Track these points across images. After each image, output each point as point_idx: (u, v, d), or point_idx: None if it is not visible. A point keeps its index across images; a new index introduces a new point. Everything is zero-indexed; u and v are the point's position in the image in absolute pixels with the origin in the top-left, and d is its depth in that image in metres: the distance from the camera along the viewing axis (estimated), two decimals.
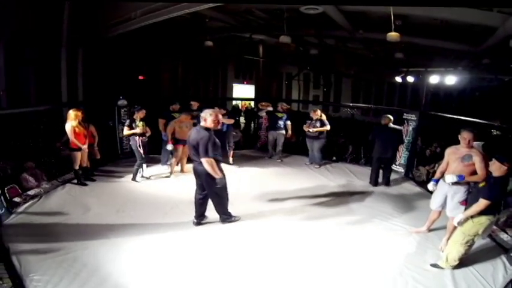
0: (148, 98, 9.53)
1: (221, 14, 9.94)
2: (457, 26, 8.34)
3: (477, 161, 4.35)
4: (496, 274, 4.17)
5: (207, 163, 4.62)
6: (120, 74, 10.03)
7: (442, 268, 4.18)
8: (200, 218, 5.16)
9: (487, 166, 4.20)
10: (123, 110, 8.51)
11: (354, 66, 15.10)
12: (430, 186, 4.91)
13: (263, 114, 9.81)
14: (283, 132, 8.99)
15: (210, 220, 5.26)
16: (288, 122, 8.95)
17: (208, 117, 4.73)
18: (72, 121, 6.22)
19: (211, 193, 4.99)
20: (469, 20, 7.74)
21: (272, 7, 9.43)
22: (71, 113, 6.25)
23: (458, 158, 4.54)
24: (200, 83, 13.50)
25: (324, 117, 8.45)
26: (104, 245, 4.49)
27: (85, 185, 6.61)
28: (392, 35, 8.26)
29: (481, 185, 4.10)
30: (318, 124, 8.36)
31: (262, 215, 5.60)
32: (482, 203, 3.80)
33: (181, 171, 7.51)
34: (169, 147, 7.11)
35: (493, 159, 3.94)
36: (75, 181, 6.63)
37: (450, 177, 4.49)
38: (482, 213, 3.88)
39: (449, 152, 4.75)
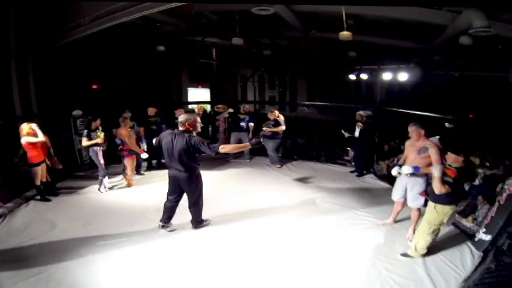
0: (103, 107, 9.09)
1: (172, 17, 9.74)
2: (408, 24, 8.62)
3: (432, 153, 4.49)
4: (464, 259, 4.36)
5: (224, 149, 4.73)
6: (74, 83, 9.64)
7: (412, 257, 4.31)
8: (167, 221, 5.17)
9: (442, 158, 4.35)
10: (78, 121, 8.36)
11: (309, 66, 15.31)
12: (394, 171, 4.96)
13: (226, 115, 9.78)
14: (247, 133, 8.97)
15: (176, 226, 5.25)
16: (251, 124, 8.95)
17: (193, 122, 4.78)
18: (28, 136, 6.01)
19: (194, 199, 5.02)
20: (419, 18, 8.01)
21: (228, 8, 9.32)
22: (24, 127, 6.03)
23: (415, 151, 4.71)
24: (155, 89, 13.13)
25: (281, 117, 8.50)
26: (76, 261, 4.38)
27: (49, 200, 6.40)
28: (344, 34, 8.39)
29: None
30: (272, 124, 8.43)
31: (230, 218, 5.66)
32: (445, 187, 3.87)
33: (129, 184, 7.21)
34: (145, 155, 7.22)
35: (448, 152, 4.11)
36: (39, 197, 6.40)
37: (406, 169, 4.63)
38: (446, 203, 4.01)
39: (407, 144, 4.95)
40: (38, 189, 6.40)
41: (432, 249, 4.34)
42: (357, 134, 7.78)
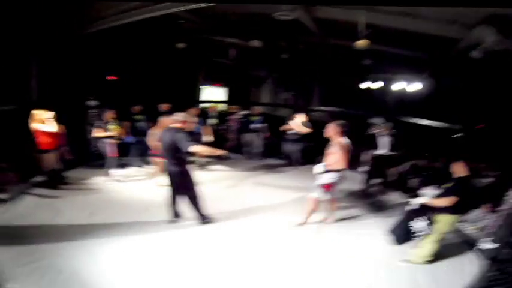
0: (119, 99, 9.21)
1: (195, 16, 9.91)
2: (422, 36, 8.77)
3: (335, 151, 4.95)
4: (468, 267, 4.54)
5: (196, 149, 4.95)
6: (91, 74, 9.64)
7: (413, 263, 4.45)
8: (175, 217, 5.38)
9: (343, 158, 4.81)
10: (91, 111, 8.39)
11: (324, 71, 15.38)
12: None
13: (239, 116, 10.05)
14: (256, 133, 9.36)
15: (184, 220, 5.42)
16: (263, 125, 9.40)
17: (182, 120, 5.16)
18: (37, 122, 6.08)
19: (186, 193, 5.25)
20: (433, 31, 8.20)
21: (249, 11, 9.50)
22: (35, 114, 6.10)
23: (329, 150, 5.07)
24: (171, 85, 13.28)
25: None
26: (78, 249, 4.44)
27: (56, 188, 6.39)
28: (361, 43, 8.54)
29: (445, 185, 4.45)
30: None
31: (234, 216, 5.77)
32: (450, 198, 4.15)
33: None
34: None
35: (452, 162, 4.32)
36: (46, 184, 6.41)
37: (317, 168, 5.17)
38: (452, 212, 4.21)
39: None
40: (46, 176, 6.46)
41: (437, 256, 4.48)
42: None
